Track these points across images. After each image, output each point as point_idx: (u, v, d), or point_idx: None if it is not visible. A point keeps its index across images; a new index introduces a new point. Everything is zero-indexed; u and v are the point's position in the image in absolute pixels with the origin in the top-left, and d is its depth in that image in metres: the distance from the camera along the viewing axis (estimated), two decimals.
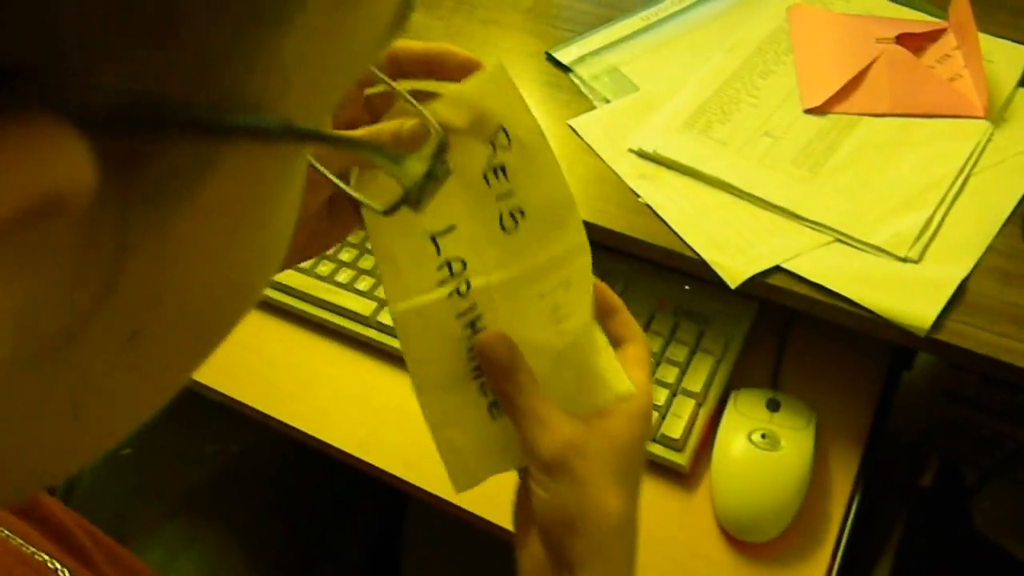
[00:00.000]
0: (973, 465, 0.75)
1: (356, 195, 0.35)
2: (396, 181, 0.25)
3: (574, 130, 0.78)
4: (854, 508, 0.65)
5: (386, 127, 0.41)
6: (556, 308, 0.44)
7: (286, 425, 0.72)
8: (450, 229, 0.42)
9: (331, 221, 0.47)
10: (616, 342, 0.47)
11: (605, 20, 0.90)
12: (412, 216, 0.43)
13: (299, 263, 0.48)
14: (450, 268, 0.42)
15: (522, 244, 0.43)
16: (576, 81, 0.84)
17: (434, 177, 0.26)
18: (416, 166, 0.25)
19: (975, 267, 0.65)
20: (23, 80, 0.12)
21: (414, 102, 0.38)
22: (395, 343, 0.75)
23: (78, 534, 0.40)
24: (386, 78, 0.35)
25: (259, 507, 0.84)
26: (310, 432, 0.71)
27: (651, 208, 0.71)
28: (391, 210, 0.30)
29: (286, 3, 0.15)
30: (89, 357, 0.17)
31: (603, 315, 0.47)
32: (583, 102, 0.82)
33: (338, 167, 0.37)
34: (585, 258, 0.44)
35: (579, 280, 0.45)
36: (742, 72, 0.82)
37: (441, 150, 0.27)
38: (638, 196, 0.72)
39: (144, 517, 0.96)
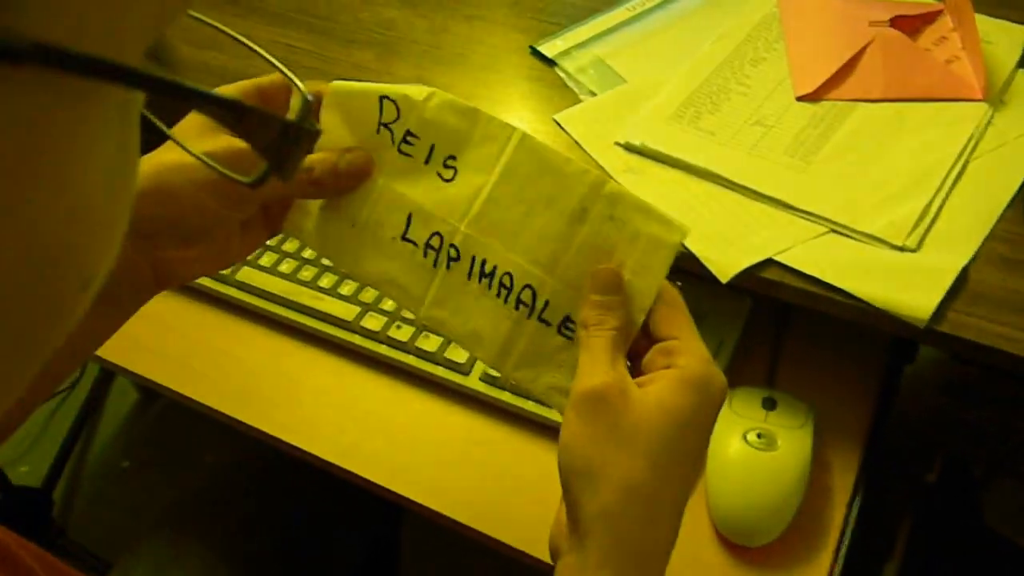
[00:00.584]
0: (980, 460, 0.72)
1: (223, 171, 0.33)
2: (251, 145, 0.23)
3: (559, 125, 0.76)
4: (855, 508, 0.63)
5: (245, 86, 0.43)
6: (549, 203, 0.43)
7: (268, 436, 0.70)
8: (409, 219, 0.44)
9: (242, 237, 0.47)
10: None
11: (590, 12, 0.88)
12: (377, 232, 0.44)
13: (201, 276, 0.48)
14: (431, 248, 0.44)
15: (465, 183, 0.44)
16: (561, 75, 0.82)
17: (294, 137, 0.24)
18: (269, 123, 0.23)
19: (976, 255, 0.62)
20: None
21: (278, 64, 0.37)
22: (379, 348, 0.72)
23: (24, 557, 0.38)
24: (235, 35, 0.33)
25: (248, 520, 0.82)
26: (292, 442, 0.69)
27: None
28: (258, 181, 0.28)
29: None
30: None
31: None
32: (569, 96, 0.79)
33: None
34: (521, 137, 0.43)
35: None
36: (731, 60, 0.80)
37: (306, 111, 0.25)
38: None
39: (138, 530, 0.94)
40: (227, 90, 0.43)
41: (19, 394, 0.19)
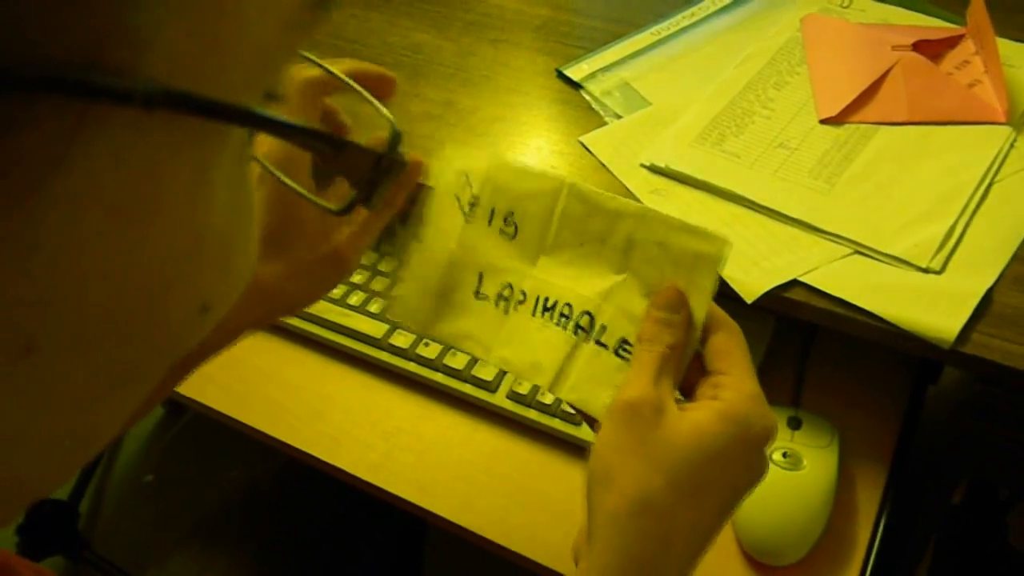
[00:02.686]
0: (1005, 481, 0.72)
1: (311, 197, 0.35)
2: (340, 174, 0.24)
3: (585, 147, 0.77)
4: (881, 528, 0.63)
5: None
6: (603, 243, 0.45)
7: (297, 450, 0.71)
8: (480, 278, 0.46)
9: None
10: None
11: (615, 36, 0.89)
12: (450, 297, 0.46)
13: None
14: (503, 298, 0.46)
15: (529, 234, 0.46)
16: (587, 98, 0.83)
17: (385, 168, 0.25)
18: (364, 156, 0.24)
19: (1000, 277, 0.63)
20: None
21: (368, 96, 0.38)
22: (407, 365, 0.74)
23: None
24: (337, 72, 0.34)
25: (274, 535, 0.83)
26: (321, 457, 0.70)
27: None
28: (346, 209, 0.30)
29: None
30: None
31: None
32: (594, 118, 0.81)
33: None
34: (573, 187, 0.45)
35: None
36: (755, 84, 0.81)
37: (395, 142, 0.26)
38: None
39: (163, 545, 0.95)
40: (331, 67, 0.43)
41: (136, 405, 0.20)
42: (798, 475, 0.62)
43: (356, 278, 0.79)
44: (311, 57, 0.33)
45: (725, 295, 0.65)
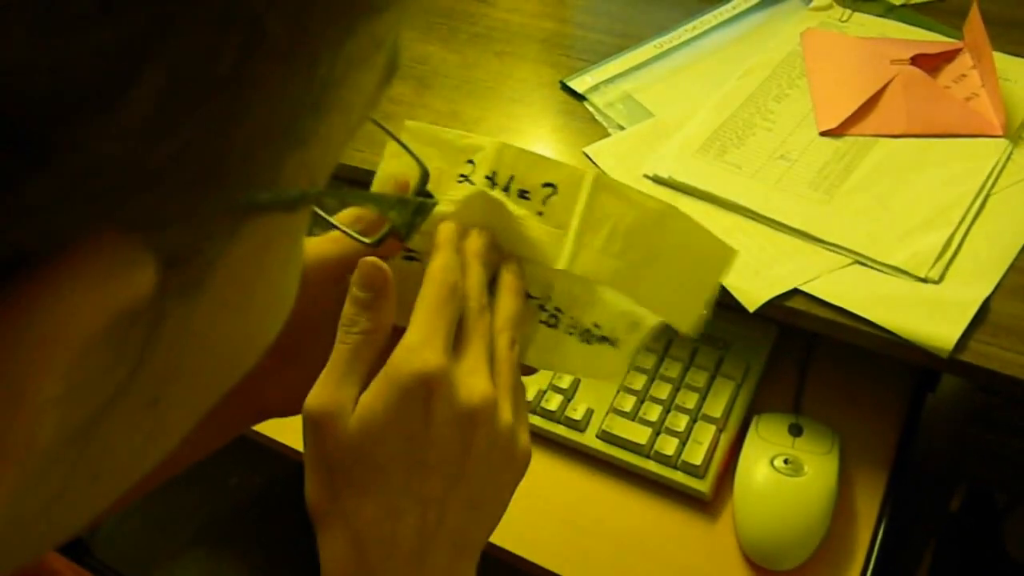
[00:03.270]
0: (1003, 488, 0.73)
1: (349, 232, 0.36)
2: (389, 220, 0.27)
3: (589, 157, 0.78)
4: (881, 534, 0.64)
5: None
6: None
7: (301, 454, 0.72)
8: (547, 297, 0.47)
9: None
10: None
11: (618, 49, 0.90)
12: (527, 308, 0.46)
13: None
14: (551, 313, 0.47)
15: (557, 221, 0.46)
16: (590, 109, 0.84)
17: (421, 211, 0.27)
18: (408, 206, 0.26)
19: (997, 286, 0.64)
20: (95, 216, 0.14)
21: (399, 139, 0.40)
22: None
23: (65, 572, 0.40)
24: (375, 119, 0.35)
25: (279, 540, 0.83)
26: None
27: None
28: (379, 242, 0.32)
29: (307, 135, 0.17)
30: (114, 429, 0.18)
31: None
32: (598, 130, 0.82)
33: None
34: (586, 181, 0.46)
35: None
36: (756, 96, 0.82)
37: (423, 183, 0.28)
38: None
39: (166, 551, 0.96)
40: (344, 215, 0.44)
41: (170, 450, 0.21)
42: (799, 481, 0.63)
43: None
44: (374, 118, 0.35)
45: (728, 304, 0.66)
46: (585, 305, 0.46)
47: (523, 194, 0.45)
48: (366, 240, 0.35)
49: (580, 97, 0.85)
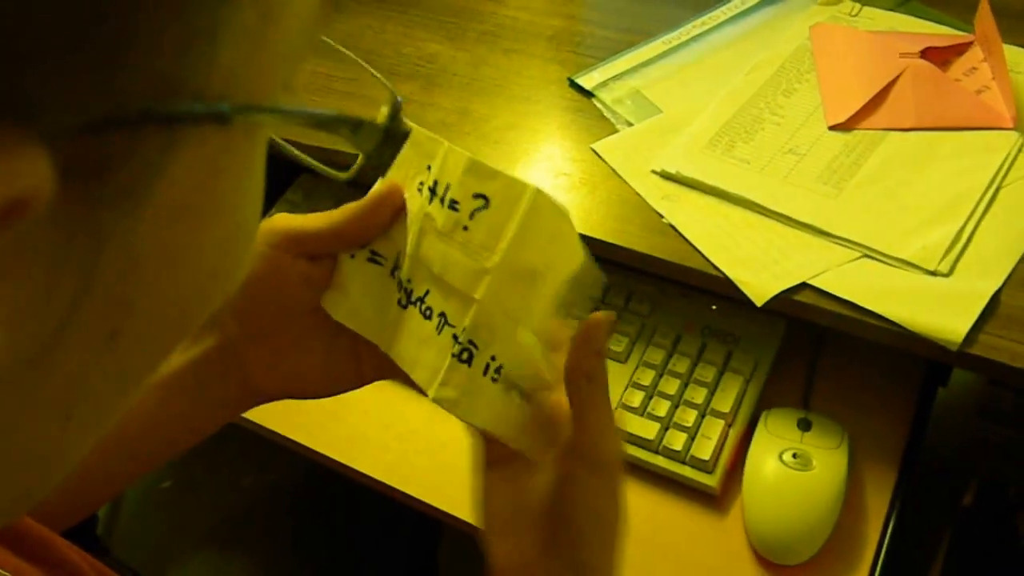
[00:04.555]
0: (1014, 482, 0.72)
1: (319, 167, 0.36)
2: (356, 148, 0.26)
3: (597, 154, 0.78)
4: (890, 529, 0.64)
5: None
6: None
7: (314, 452, 0.73)
8: (426, 292, 0.41)
9: (325, 360, 0.47)
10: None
11: (627, 45, 0.90)
12: (405, 307, 0.42)
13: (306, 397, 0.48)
14: (445, 319, 0.40)
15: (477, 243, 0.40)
16: (599, 106, 0.84)
17: (392, 137, 0.27)
18: (374, 129, 0.26)
19: (1007, 279, 0.64)
20: None
21: (368, 67, 0.39)
22: None
23: (84, 567, 0.40)
24: (341, 47, 0.35)
25: (290, 537, 0.84)
26: (338, 459, 0.72)
27: (675, 228, 0.70)
28: (354, 176, 0.31)
29: (216, 23, 0.17)
30: (73, 360, 0.18)
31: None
32: (606, 126, 0.82)
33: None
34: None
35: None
36: (765, 91, 0.82)
37: (395, 111, 0.28)
38: (662, 216, 0.71)
39: (181, 549, 0.96)
40: (339, 213, 0.44)
41: (150, 378, 0.21)
42: (808, 475, 0.62)
43: None
44: (328, 40, 0.34)
45: (736, 299, 0.66)
46: (503, 342, 0.39)
47: (453, 205, 0.39)
48: (341, 176, 0.35)
49: (588, 94, 0.85)
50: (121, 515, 1.50)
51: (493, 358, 0.39)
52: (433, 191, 0.40)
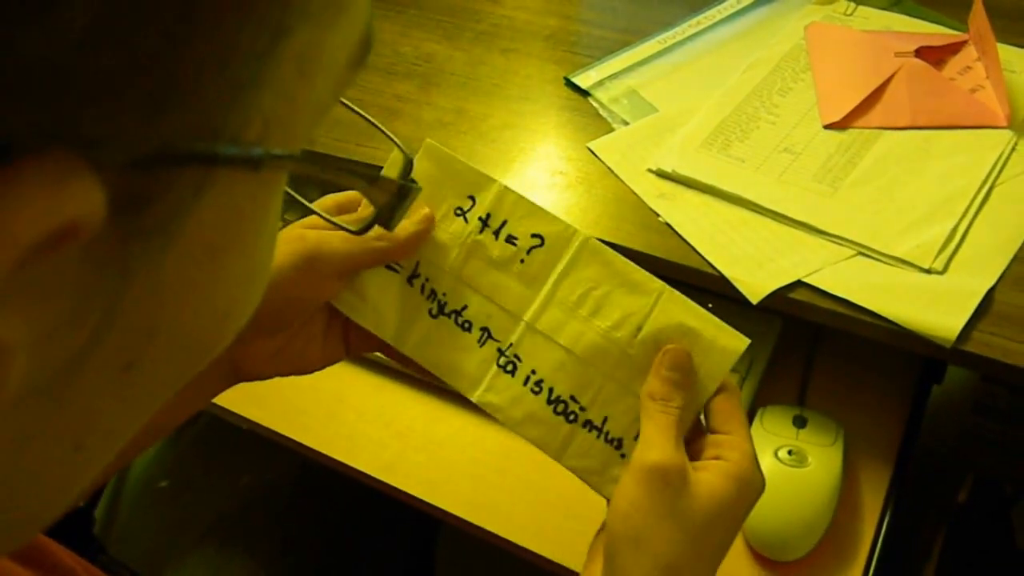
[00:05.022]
0: (1008, 478, 0.73)
1: (331, 218, 0.37)
2: (369, 201, 0.27)
3: (593, 152, 0.79)
4: (886, 525, 0.64)
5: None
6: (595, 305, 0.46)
7: (312, 450, 0.73)
8: (464, 308, 0.48)
9: (322, 345, 0.50)
10: None
11: (623, 45, 0.91)
12: (436, 316, 0.47)
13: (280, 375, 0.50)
14: (490, 337, 0.47)
15: (534, 278, 0.47)
16: (595, 105, 0.85)
17: (403, 194, 0.28)
18: (388, 185, 0.27)
19: (1001, 277, 0.64)
20: (42, 125, 0.14)
21: (379, 126, 0.41)
22: None
23: (76, 569, 0.40)
24: (355, 108, 0.37)
25: (288, 533, 0.84)
26: (335, 456, 0.72)
27: (670, 226, 0.71)
28: (365, 228, 0.32)
29: (258, 76, 0.18)
30: (88, 389, 0.18)
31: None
32: (602, 125, 0.82)
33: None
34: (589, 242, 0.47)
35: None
36: (760, 90, 0.82)
37: (407, 170, 0.29)
38: (657, 215, 0.72)
39: (179, 549, 0.97)
40: (323, 201, 0.47)
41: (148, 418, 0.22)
42: (803, 472, 0.63)
43: None
44: (344, 102, 0.36)
45: (731, 297, 0.66)
46: (545, 359, 0.46)
47: (511, 240, 0.47)
48: (351, 228, 0.37)
49: (585, 93, 0.86)
50: (118, 515, 1.50)
51: (533, 371, 0.46)
52: (485, 223, 0.47)
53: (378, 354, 0.75)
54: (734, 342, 0.44)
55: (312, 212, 0.42)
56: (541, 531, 0.66)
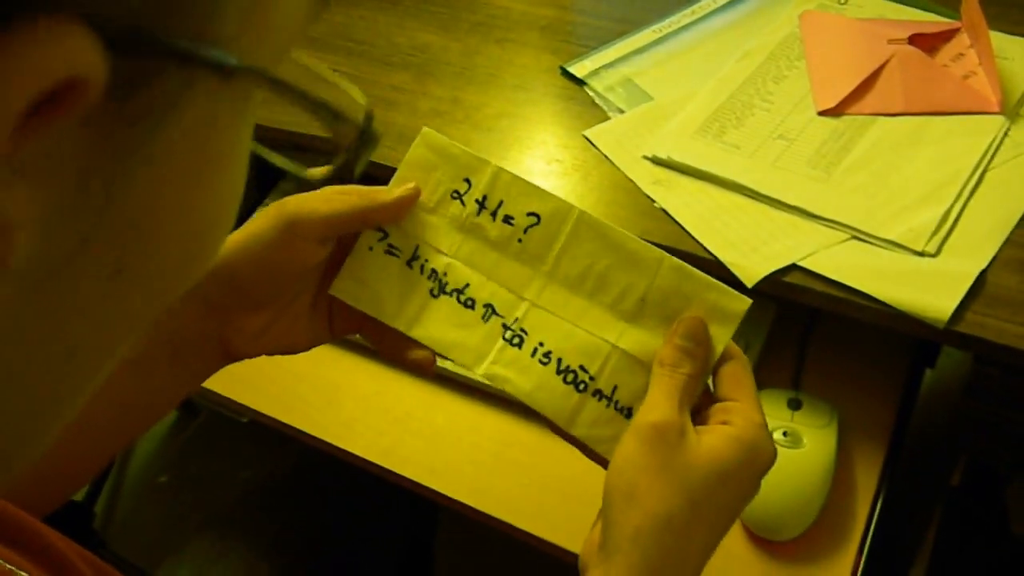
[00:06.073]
0: (1001, 459, 0.73)
1: (291, 167, 0.37)
2: (334, 137, 0.28)
3: (589, 140, 0.79)
4: (880, 506, 0.65)
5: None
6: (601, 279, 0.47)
7: (311, 437, 0.73)
8: (466, 286, 0.48)
9: (308, 325, 0.50)
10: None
11: (618, 34, 0.91)
12: (437, 296, 0.48)
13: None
14: (494, 313, 0.48)
15: (532, 255, 0.48)
16: (590, 94, 0.85)
17: (366, 140, 0.29)
18: (350, 129, 0.27)
19: (994, 259, 0.65)
20: None
21: (335, 78, 0.41)
22: None
23: (80, 566, 0.40)
24: (311, 61, 0.37)
25: (288, 523, 0.85)
26: (334, 443, 0.72)
27: (666, 212, 0.71)
28: (327, 176, 0.33)
29: None
30: (80, 293, 0.19)
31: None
32: (598, 113, 0.83)
33: None
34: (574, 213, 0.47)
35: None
36: (755, 78, 0.83)
37: (368, 120, 0.30)
38: (653, 201, 0.72)
39: (177, 543, 0.97)
40: (359, 199, 0.48)
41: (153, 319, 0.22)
42: (798, 453, 0.63)
43: None
44: (299, 55, 0.36)
45: (726, 280, 0.66)
46: (551, 331, 0.47)
47: (508, 220, 0.48)
48: (315, 175, 0.37)
49: (580, 82, 0.86)
50: (118, 509, 1.51)
51: (541, 343, 0.47)
52: (482, 204, 0.48)
53: None
54: (736, 304, 0.45)
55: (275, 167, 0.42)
56: (539, 514, 0.67)
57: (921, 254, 0.65)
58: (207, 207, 0.22)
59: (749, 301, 0.45)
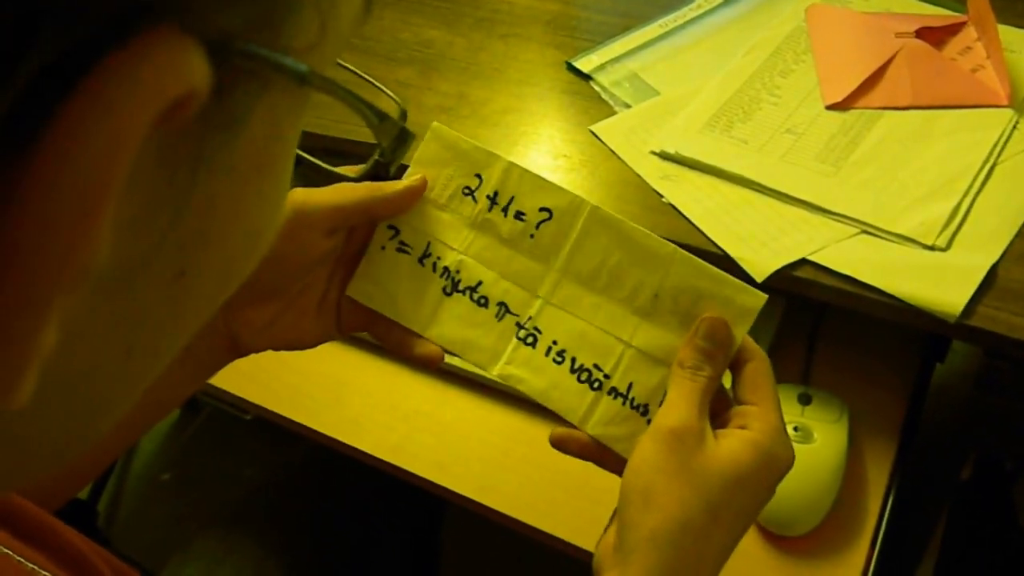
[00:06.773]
0: (1011, 453, 0.73)
1: (330, 168, 0.38)
2: (377, 138, 0.28)
3: (596, 135, 0.79)
4: (891, 500, 0.64)
5: None
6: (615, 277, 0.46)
7: (318, 433, 0.73)
8: (479, 284, 0.48)
9: (316, 319, 0.50)
10: (732, 362, 0.45)
11: (624, 29, 0.91)
12: (451, 294, 0.48)
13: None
14: (507, 311, 0.47)
15: (545, 251, 0.47)
16: (597, 88, 0.85)
17: (403, 138, 0.29)
18: (391, 128, 0.28)
19: (1004, 253, 0.64)
20: (159, 6, 0.15)
21: (374, 81, 0.41)
22: None
23: (96, 562, 0.40)
24: (347, 66, 0.37)
25: (295, 520, 0.84)
26: (342, 440, 0.72)
27: (675, 207, 0.71)
28: (367, 174, 0.33)
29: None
30: (144, 293, 0.19)
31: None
32: (604, 108, 0.83)
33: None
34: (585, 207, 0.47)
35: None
36: (762, 72, 0.82)
37: (403, 117, 0.30)
38: (661, 196, 0.72)
39: (181, 541, 0.97)
40: (366, 191, 0.48)
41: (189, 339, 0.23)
42: (809, 448, 0.63)
43: None
44: (340, 63, 0.36)
45: (736, 275, 0.66)
46: (565, 329, 0.47)
47: (519, 215, 0.47)
48: (350, 175, 0.37)
49: (586, 77, 0.86)
50: (121, 507, 1.50)
51: (555, 342, 0.46)
52: (493, 200, 0.48)
53: None
54: (751, 299, 0.44)
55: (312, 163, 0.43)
56: (548, 510, 0.66)
57: (932, 248, 0.65)
58: (262, 209, 0.22)
59: (764, 297, 0.45)
